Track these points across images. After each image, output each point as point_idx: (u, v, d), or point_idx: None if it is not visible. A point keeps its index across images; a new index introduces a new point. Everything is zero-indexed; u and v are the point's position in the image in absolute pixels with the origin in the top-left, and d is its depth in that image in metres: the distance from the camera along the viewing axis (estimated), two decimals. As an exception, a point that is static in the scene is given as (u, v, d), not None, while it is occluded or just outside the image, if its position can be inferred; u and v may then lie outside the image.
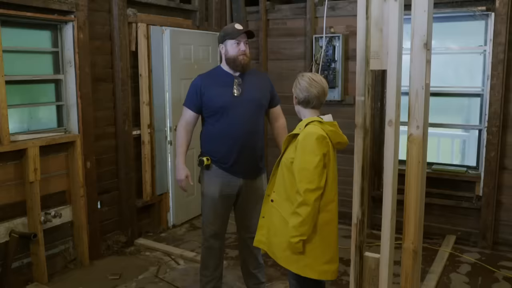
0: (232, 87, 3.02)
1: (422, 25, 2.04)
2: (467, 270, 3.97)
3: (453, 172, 4.51)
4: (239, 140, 3.00)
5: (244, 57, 2.99)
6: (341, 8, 4.82)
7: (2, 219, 3.44)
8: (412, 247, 2.19)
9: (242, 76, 3.05)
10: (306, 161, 2.31)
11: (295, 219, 2.34)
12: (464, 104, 4.75)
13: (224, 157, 3.07)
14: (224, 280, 3.72)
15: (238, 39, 2.98)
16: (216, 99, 3.02)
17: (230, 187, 3.11)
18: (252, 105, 3.02)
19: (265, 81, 3.19)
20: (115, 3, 4.11)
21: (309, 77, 2.48)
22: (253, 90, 3.05)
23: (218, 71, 3.13)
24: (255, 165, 3.13)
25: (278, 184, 2.52)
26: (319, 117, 2.43)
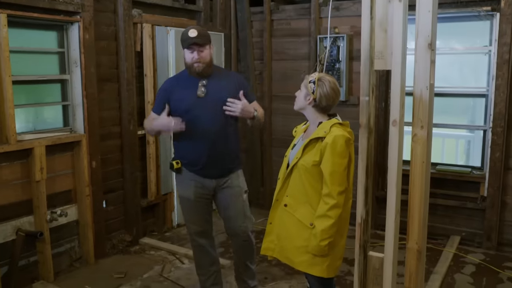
0: (196, 89, 2.98)
1: (426, 26, 2.04)
2: (472, 270, 3.96)
3: (458, 173, 4.50)
4: (207, 142, 2.98)
5: (199, 64, 2.93)
6: (346, 9, 4.82)
7: (9, 218, 3.47)
8: (416, 247, 2.19)
9: (208, 78, 3.01)
10: (336, 164, 2.34)
11: (326, 222, 2.34)
12: (469, 105, 4.75)
13: (193, 160, 3.06)
14: (228, 279, 3.74)
15: (190, 47, 2.92)
16: (181, 102, 2.98)
17: (204, 189, 3.10)
18: (218, 105, 2.94)
19: (234, 81, 3.11)
20: (120, 4, 4.13)
21: (333, 84, 2.45)
22: (219, 91, 2.99)
23: (184, 73, 3.08)
24: (226, 166, 3.10)
25: (293, 188, 2.49)
26: (337, 119, 2.47)
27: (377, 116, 4.54)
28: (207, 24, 5.17)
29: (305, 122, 2.69)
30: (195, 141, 3.00)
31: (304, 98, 2.47)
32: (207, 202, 3.18)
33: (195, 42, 2.89)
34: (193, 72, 2.96)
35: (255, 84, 5.43)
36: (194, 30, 2.91)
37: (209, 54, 2.98)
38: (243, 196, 3.19)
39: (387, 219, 2.19)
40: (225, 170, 3.10)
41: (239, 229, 3.21)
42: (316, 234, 2.36)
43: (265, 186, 5.52)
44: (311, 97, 2.44)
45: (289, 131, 2.85)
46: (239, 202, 3.18)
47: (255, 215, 5.23)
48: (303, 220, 2.45)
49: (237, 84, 3.08)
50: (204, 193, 3.12)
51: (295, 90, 2.57)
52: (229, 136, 3.04)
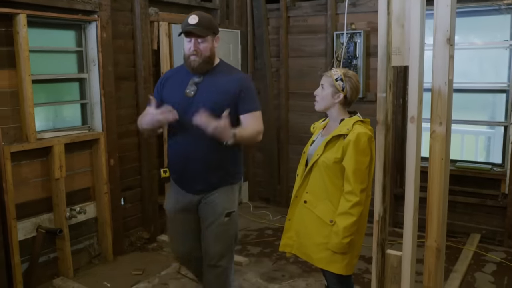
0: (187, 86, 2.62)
1: (445, 20, 2.01)
2: (493, 269, 3.90)
3: (478, 170, 4.44)
4: (187, 149, 2.61)
5: (195, 58, 2.53)
6: (362, 4, 4.78)
7: (29, 215, 3.53)
8: (435, 245, 2.17)
9: (205, 75, 2.61)
10: (359, 162, 2.34)
11: (348, 220, 2.34)
12: (489, 100, 4.67)
13: (173, 168, 2.76)
14: (245, 276, 3.75)
15: (188, 35, 2.53)
16: (168, 98, 2.65)
17: (186, 203, 2.72)
18: (205, 106, 2.46)
19: (236, 83, 2.61)
20: (137, 3, 4.16)
21: (357, 77, 2.51)
22: (211, 92, 2.57)
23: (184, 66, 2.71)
24: (211, 180, 2.65)
25: (313, 185, 2.49)
26: (358, 116, 2.47)
27: (394, 113, 4.49)
28: (223, 21, 5.18)
29: (324, 119, 2.69)
30: (177, 146, 2.66)
31: (332, 97, 2.46)
32: (191, 219, 2.76)
33: (191, 30, 2.49)
34: (188, 66, 2.58)
35: (271, 82, 5.42)
36: (195, 16, 2.50)
37: (210, 47, 2.57)
38: (222, 218, 2.65)
39: (405, 216, 2.17)
40: (210, 185, 2.66)
41: (208, 257, 2.71)
42: (338, 232, 2.36)
43: (282, 183, 5.51)
44: (341, 95, 2.44)
45: (306, 128, 2.84)
46: (215, 225, 2.66)
47: (272, 212, 5.29)
48: (323, 217, 2.45)
49: (238, 87, 2.60)
50: (188, 208, 2.72)
51: (312, 87, 2.56)
52: (213, 146, 2.53)
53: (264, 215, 5.25)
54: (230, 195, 2.71)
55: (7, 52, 3.33)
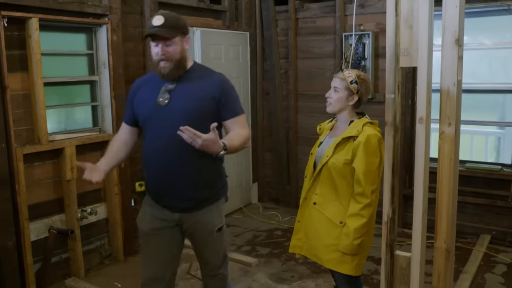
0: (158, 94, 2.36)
1: (453, 21, 2.01)
2: (503, 270, 3.89)
3: (487, 170, 4.42)
4: (162, 163, 2.34)
5: (165, 63, 2.26)
6: (371, 6, 4.78)
7: (41, 216, 3.57)
8: (445, 246, 2.17)
9: (179, 81, 2.34)
10: (370, 163, 2.36)
11: (359, 221, 2.36)
12: (498, 101, 4.65)
13: (149, 183, 2.49)
14: (255, 277, 3.77)
15: (154, 39, 2.26)
16: (140, 109, 2.42)
17: (163, 221, 2.45)
18: (180, 117, 2.25)
19: (214, 87, 2.35)
20: (147, 5, 4.20)
21: (369, 79, 2.54)
22: (186, 99, 2.31)
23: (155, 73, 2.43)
24: (191, 196, 2.39)
25: (323, 186, 2.50)
26: (367, 118, 2.49)
27: (403, 114, 4.50)
28: (232, 23, 5.21)
29: (330, 120, 2.69)
30: (153, 159, 2.39)
31: (347, 100, 2.47)
32: (169, 239, 2.49)
33: (156, 33, 2.21)
34: (159, 72, 2.31)
35: (280, 83, 5.44)
36: (160, 17, 2.23)
37: (180, 50, 2.28)
38: (214, 234, 2.47)
39: (414, 217, 2.17)
40: (195, 203, 2.41)
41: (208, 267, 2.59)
42: (349, 233, 2.37)
43: (291, 184, 5.53)
44: (355, 97, 2.46)
45: (315, 129, 2.84)
46: (209, 241, 2.51)
47: (281, 213, 5.30)
48: (332, 219, 2.46)
49: (218, 91, 2.35)
50: (165, 227, 2.45)
51: (321, 88, 2.58)
52: (193, 159, 2.30)
53: (274, 215, 5.27)
54: (219, 211, 2.50)
55: (19, 55, 3.38)
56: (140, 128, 2.49)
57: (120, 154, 2.52)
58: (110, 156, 2.48)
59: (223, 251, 2.59)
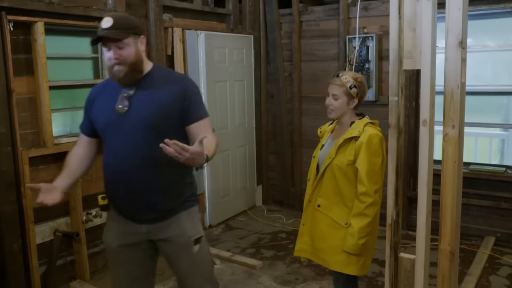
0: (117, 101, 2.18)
1: (456, 23, 2.02)
2: (508, 272, 3.87)
3: (492, 172, 4.41)
4: (123, 173, 2.17)
5: (119, 67, 2.08)
6: (374, 8, 4.79)
7: (47, 219, 3.59)
8: (449, 248, 2.17)
9: (138, 84, 2.17)
10: (372, 163, 2.39)
11: (363, 221, 2.38)
12: (502, 103, 4.65)
13: (111, 194, 2.31)
14: (259, 279, 3.77)
15: (104, 43, 2.10)
16: (97, 118, 2.25)
17: (130, 236, 2.26)
18: (142, 125, 2.13)
19: (175, 89, 2.18)
20: (151, 9, 4.22)
21: (364, 79, 2.57)
22: (147, 105, 2.15)
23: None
24: (157, 207, 2.21)
25: (327, 188, 2.51)
26: (368, 118, 2.52)
27: (407, 116, 4.50)
28: (236, 27, 5.23)
29: (330, 122, 2.72)
30: (114, 170, 2.22)
31: (347, 104, 2.49)
32: (139, 256, 2.30)
33: (105, 35, 2.05)
34: (114, 78, 2.14)
35: (284, 86, 5.45)
36: (108, 19, 2.08)
37: (134, 52, 2.10)
38: (192, 248, 2.25)
39: (418, 219, 2.17)
40: (156, 212, 2.22)
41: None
42: (354, 233, 2.39)
43: (296, 186, 5.53)
44: (356, 100, 2.49)
45: (318, 132, 2.86)
46: (187, 260, 2.26)
47: (286, 216, 5.31)
48: (337, 220, 2.47)
49: (181, 93, 2.18)
50: (133, 242, 2.26)
51: (325, 90, 2.58)
52: (158, 167, 2.14)
53: (278, 218, 5.27)
54: (191, 219, 2.29)
55: (25, 59, 3.41)
56: (100, 139, 2.30)
57: (80, 169, 2.34)
58: (68, 173, 2.29)
59: (207, 268, 2.33)
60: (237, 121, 5.32)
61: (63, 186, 2.24)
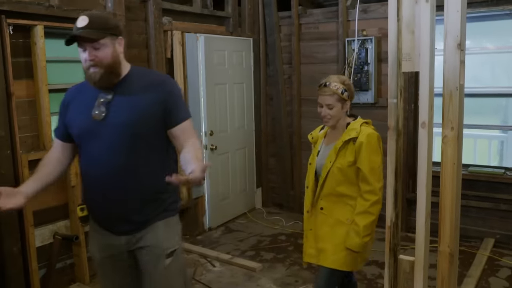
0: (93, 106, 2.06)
1: (455, 26, 2.02)
2: (507, 274, 3.88)
3: (491, 174, 4.42)
4: (102, 183, 2.07)
5: (95, 69, 1.97)
6: (373, 11, 4.80)
7: (46, 222, 3.59)
8: (448, 250, 2.17)
9: (116, 89, 2.06)
10: (374, 161, 2.44)
11: (368, 219, 2.43)
12: (501, 105, 4.66)
13: (89, 205, 2.21)
14: (259, 282, 3.77)
15: (80, 43, 1.98)
16: (73, 124, 2.13)
17: (111, 247, 2.16)
18: (121, 132, 2.02)
19: (155, 91, 2.08)
20: (151, 12, 4.23)
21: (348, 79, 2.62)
22: (126, 111, 2.03)
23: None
24: (136, 217, 2.10)
25: (328, 191, 2.53)
26: (361, 118, 2.57)
27: (406, 118, 4.51)
28: (236, 29, 5.24)
29: (321, 127, 2.74)
30: (90, 180, 2.13)
31: (342, 109, 2.53)
32: (122, 267, 2.20)
33: (80, 35, 1.94)
34: (90, 81, 2.03)
35: (284, 88, 5.46)
36: (84, 18, 1.97)
37: (111, 53, 1.99)
38: (163, 261, 2.12)
39: (417, 221, 2.17)
40: (139, 223, 2.11)
41: None
42: (359, 231, 2.42)
43: (295, 189, 5.53)
44: (348, 103, 2.54)
45: (318, 135, 2.86)
46: (157, 273, 2.13)
47: (285, 218, 5.31)
48: (341, 218, 2.52)
49: (162, 95, 2.07)
50: (115, 254, 2.16)
51: (323, 94, 2.59)
52: (139, 175, 2.06)
53: (278, 220, 5.27)
54: (168, 230, 2.16)
55: (24, 62, 3.41)
56: (75, 144, 2.18)
57: (52, 174, 2.18)
58: (37, 178, 2.14)
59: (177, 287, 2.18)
60: (237, 124, 5.32)
61: (28, 191, 2.06)
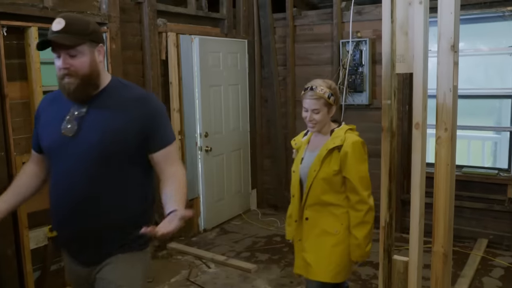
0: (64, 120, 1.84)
1: (449, 27, 2.04)
2: (500, 274, 3.90)
3: (484, 175, 4.44)
4: (68, 206, 1.85)
5: (69, 79, 1.75)
6: (368, 13, 4.82)
7: (41, 224, 3.57)
8: (442, 250, 2.19)
9: (92, 102, 1.83)
10: (361, 170, 2.39)
11: (365, 228, 2.39)
12: (495, 106, 4.69)
13: (56, 229, 1.97)
14: (254, 283, 3.77)
15: (55, 49, 1.76)
16: (43, 136, 1.93)
17: (77, 277, 1.98)
18: (91, 153, 1.79)
19: (135, 112, 1.83)
20: (145, 14, 4.23)
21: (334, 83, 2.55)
22: (100, 129, 1.80)
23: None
24: (101, 247, 1.87)
25: (313, 200, 2.47)
26: (345, 124, 2.51)
27: (401, 119, 4.52)
28: (230, 31, 5.24)
29: (304, 133, 2.67)
30: (54, 201, 1.92)
31: (328, 114, 2.45)
32: None
33: (54, 40, 1.73)
34: (63, 91, 1.80)
35: (278, 90, 5.47)
36: (60, 20, 1.75)
37: (89, 62, 1.78)
38: None
39: (411, 222, 2.19)
40: (96, 255, 1.88)
41: None
42: (360, 244, 2.39)
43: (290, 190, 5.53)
44: (334, 107, 2.46)
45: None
46: None
47: (280, 219, 5.31)
48: (328, 229, 2.46)
49: (142, 118, 1.83)
50: (81, 284, 1.97)
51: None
52: (105, 203, 1.83)
53: (273, 222, 5.27)
54: (129, 267, 1.89)
55: (18, 64, 3.39)
56: None
57: (29, 189, 2.02)
58: (12, 192, 1.98)
59: None
60: (232, 125, 5.33)
61: (5, 206, 1.93)
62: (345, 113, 4.96)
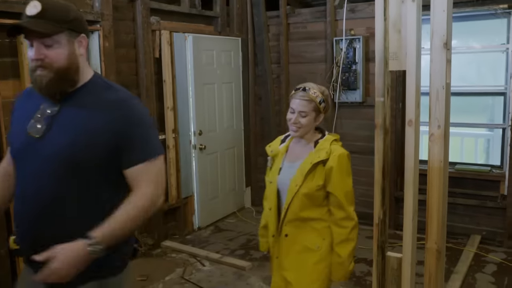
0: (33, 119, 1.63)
1: (441, 25, 2.05)
2: (493, 270, 3.93)
3: (477, 172, 4.47)
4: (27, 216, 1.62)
5: (42, 71, 1.53)
6: (361, 10, 4.83)
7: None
8: (435, 247, 2.20)
9: (66, 100, 1.61)
10: (347, 185, 2.26)
11: (349, 246, 2.27)
12: (487, 103, 4.72)
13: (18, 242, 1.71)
14: (248, 281, 3.78)
15: (28, 36, 1.55)
16: (11, 135, 1.75)
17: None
18: (57, 159, 1.56)
19: (108, 118, 1.58)
20: (139, 12, 4.22)
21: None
22: (70, 131, 1.58)
23: None
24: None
25: (293, 216, 2.30)
26: (331, 135, 2.35)
27: (394, 117, 4.54)
28: (224, 29, 5.24)
29: (282, 139, 2.47)
30: (22, 210, 1.66)
31: (315, 121, 2.29)
32: None
33: (25, 25, 1.51)
34: (35, 85, 1.59)
35: (272, 88, 5.47)
36: (36, 3, 1.53)
37: (66, 54, 1.56)
38: None
39: (404, 219, 2.20)
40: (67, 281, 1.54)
41: None
42: (344, 262, 2.27)
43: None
44: (322, 115, 2.32)
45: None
46: None
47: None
48: (309, 245, 2.32)
49: (114, 126, 1.58)
50: None
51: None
52: (70, 218, 1.59)
53: (267, 220, 5.28)
54: None
55: (11, 62, 3.38)
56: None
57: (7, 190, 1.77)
58: None
59: None
60: (226, 123, 5.33)
61: None
62: (339, 110, 4.97)
